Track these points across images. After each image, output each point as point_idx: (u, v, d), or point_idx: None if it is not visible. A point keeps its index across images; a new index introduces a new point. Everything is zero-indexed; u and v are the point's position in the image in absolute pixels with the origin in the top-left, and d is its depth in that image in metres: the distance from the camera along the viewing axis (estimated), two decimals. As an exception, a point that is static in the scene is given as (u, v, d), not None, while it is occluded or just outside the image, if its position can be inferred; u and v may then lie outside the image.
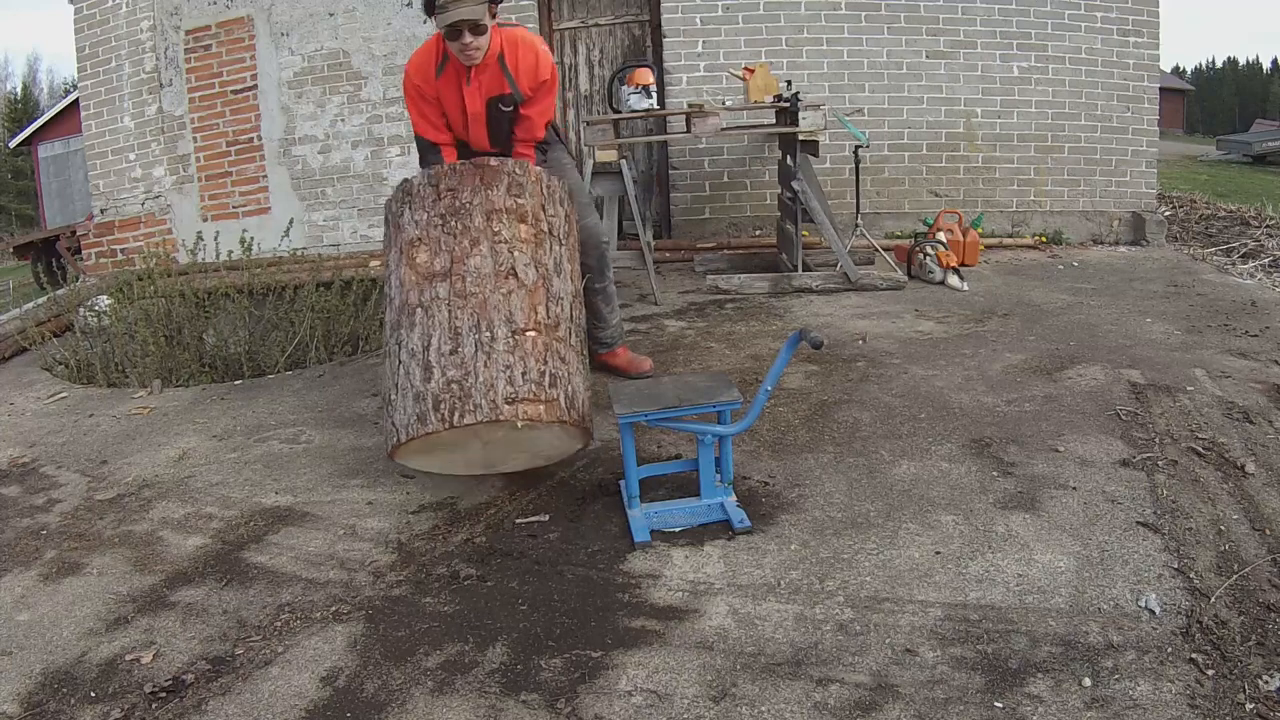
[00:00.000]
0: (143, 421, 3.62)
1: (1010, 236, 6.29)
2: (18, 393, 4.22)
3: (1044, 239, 6.26)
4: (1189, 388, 3.27)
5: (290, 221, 5.86)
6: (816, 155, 5.24)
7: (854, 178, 5.47)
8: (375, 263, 5.33)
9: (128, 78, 6.86)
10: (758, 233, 6.34)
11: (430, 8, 2.90)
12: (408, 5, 6.42)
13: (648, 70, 5.00)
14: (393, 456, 2.45)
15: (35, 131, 23.24)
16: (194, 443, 3.31)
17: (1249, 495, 2.46)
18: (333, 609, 2.13)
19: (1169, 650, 1.82)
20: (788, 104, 4.85)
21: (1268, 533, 2.26)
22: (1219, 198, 9.58)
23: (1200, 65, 63.33)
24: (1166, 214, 7.22)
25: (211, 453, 3.20)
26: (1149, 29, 6.25)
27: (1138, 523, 2.32)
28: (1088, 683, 1.73)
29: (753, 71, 5.32)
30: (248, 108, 6.66)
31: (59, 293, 6.10)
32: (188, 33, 6.72)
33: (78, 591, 2.29)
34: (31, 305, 6.13)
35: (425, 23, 2.64)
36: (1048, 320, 4.30)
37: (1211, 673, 1.74)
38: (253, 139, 6.73)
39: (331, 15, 6.52)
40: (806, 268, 5.16)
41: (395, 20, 6.45)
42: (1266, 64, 58.66)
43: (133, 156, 6.92)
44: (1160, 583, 2.05)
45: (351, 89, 6.56)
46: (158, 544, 2.53)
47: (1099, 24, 6.19)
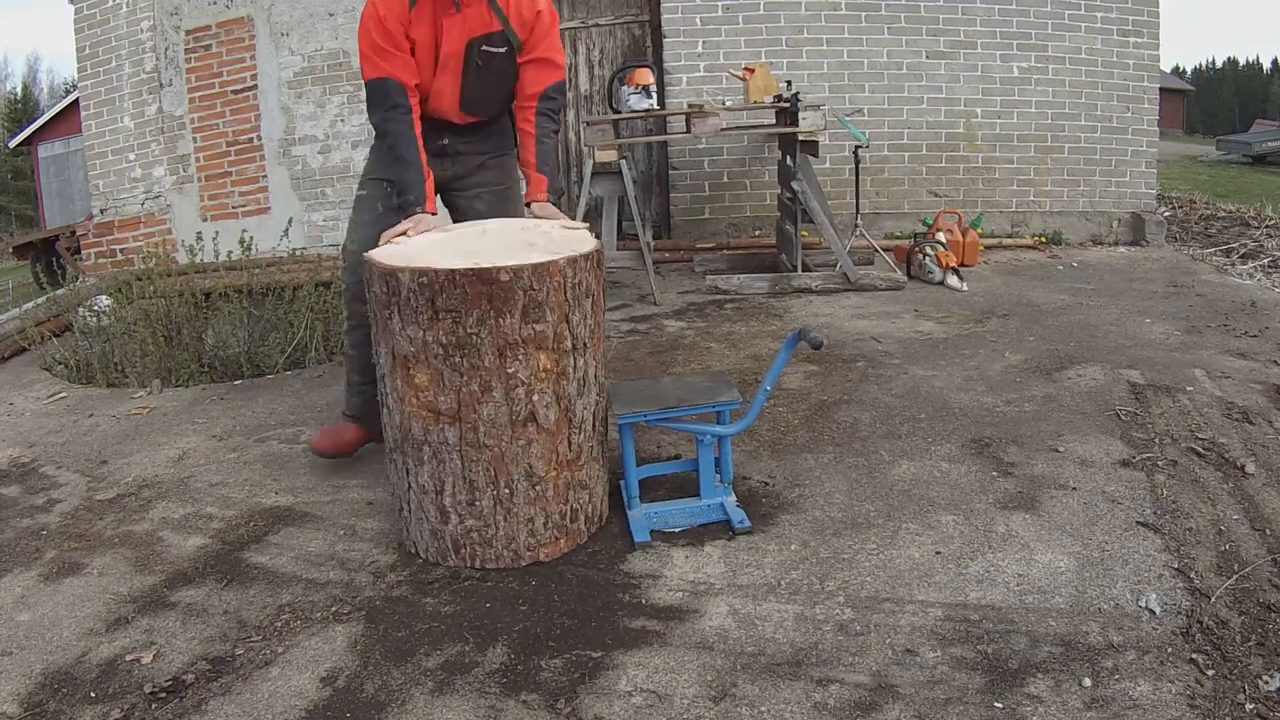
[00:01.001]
0: (142, 421, 3.62)
1: (1010, 237, 6.29)
2: (17, 393, 4.22)
3: (1044, 239, 6.27)
4: (1189, 388, 3.27)
5: (290, 221, 5.85)
6: (816, 155, 5.24)
7: (854, 178, 5.47)
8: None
9: (128, 78, 6.86)
10: (757, 233, 6.34)
11: None
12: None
13: (648, 70, 5.01)
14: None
15: (35, 131, 23.23)
16: (194, 443, 3.31)
17: (1249, 495, 2.46)
18: (333, 609, 2.13)
19: (1169, 650, 1.82)
20: (788, 104, 4.86)
21: (1268, 533, 2.26)
22: (1219, 198, 9.58)
23: (1200, 65, 63.36)
24: (1166, 214, 7.22)
25: (211, 453, 3.19)
26: (1149, 29, 6.26)
27: (1138, 523, 2.32)
28: (1088, 683, 1.73)
29: (752, 72, 5.32)
30: (248, 108, 6.66)
31: (59, 293, 6.09)
32: (188, 33, 6.72)
33: (78, 591, 2.29)
34: (31, 305, 6.13)
35: None
36: (1047, 320, 4.30)
37: (1211, 673, 1.74)
38: (253, 139, 6.73)
39: (331, 15, 6.52)
40: (806, 268, 5.16)
41: (395, 20, 6.44)
42: (1266, 64, 58.68)
43: (133, 156, 6.92)
44: (1160, 583, 2.05)
45: (351, 89, 6.55)
46: (158, 544, 2.53)
47: (1099, 24, 6.19)
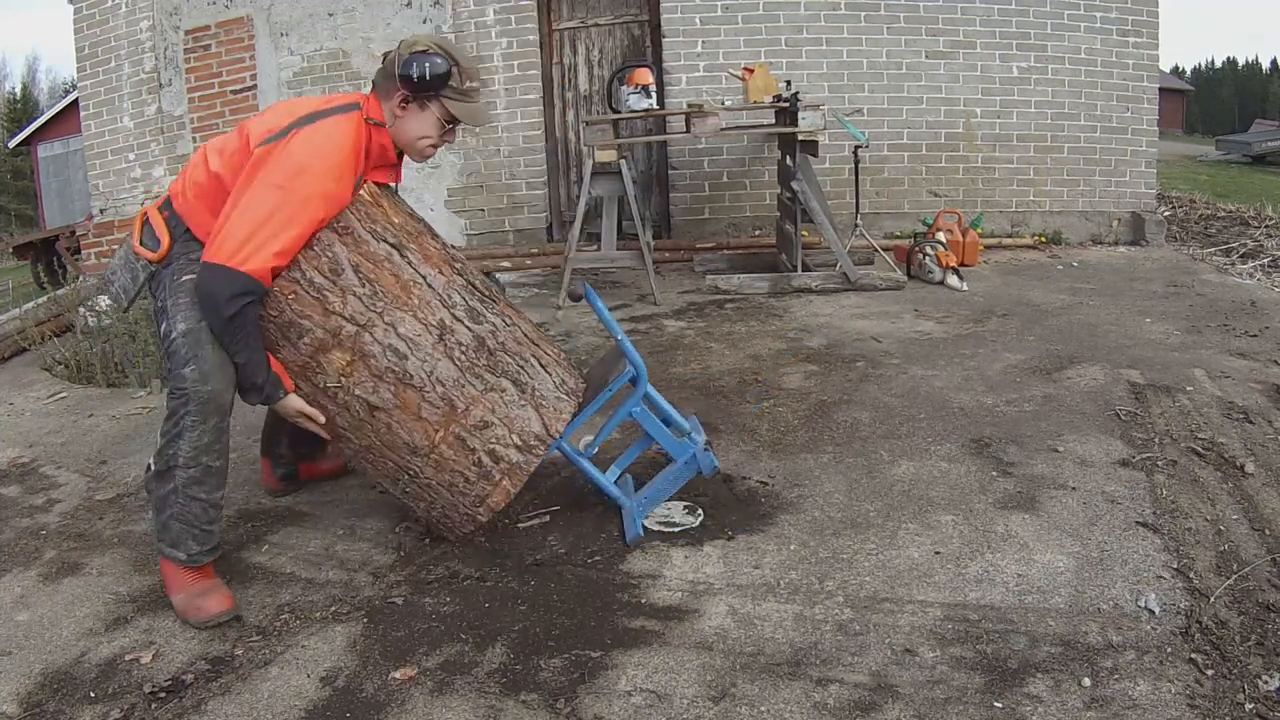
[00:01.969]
0: (142, 421, 3.62)
1: (1010, 236, 6.29)
2: (17, 393, 4.22)
3: (1043, 239, 6.27)
4: (1189, 388, 3.27)
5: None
6: (816, 155, 5.24)
7: (853, 178, 5.47)
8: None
9: (127, 78, 6.86)
10: (757, 233, 6.34)
11: (438, 85, 2.17)
12: (407, 5, 6.42)
13: (647, 70, 5.01)
14: None
15: (35, 132, 23.24)
16: (193, 443, 3.31)
17: (1249, 495, 2.46)
18: (332, 609, 2.13)
19: (1168, 650, 1.82)
20: (787, 104, 4.86)
21: (1267, 533, 2.26)
22: (1218, 198, 9.58)
23: (1200, 65, 63.40)
24: (1166, 214, 7.22)
25: (211, 453, 3.19)
26: (1148, 29, 6.26)
27: (1137, 523, 2.32)
28: (1087, 683, 1.73)
29: (752, 71, 5.32)
30: (247, 108, 6.66)
31: (59, 293, 6.10)
32: (187, 33, 6.72)
33: (77, 591, 2.29)
34: (31, 305, 6.13)
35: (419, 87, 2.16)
36: (1047, 320, 4.31)
37: (1211, 673, 1.74)
38: (252, 139, 6.72)
39: (331, 15, 6.52)
40: (806, 268, 5.16)
41: (395, 20, 6.45)
42: (1266, 64, 58.73)
43: (132, 156, 6.92)
44: (1160, 583, 2.05)
45: (351, 89, 6.55)
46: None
47: (1098, 24, 6.20)
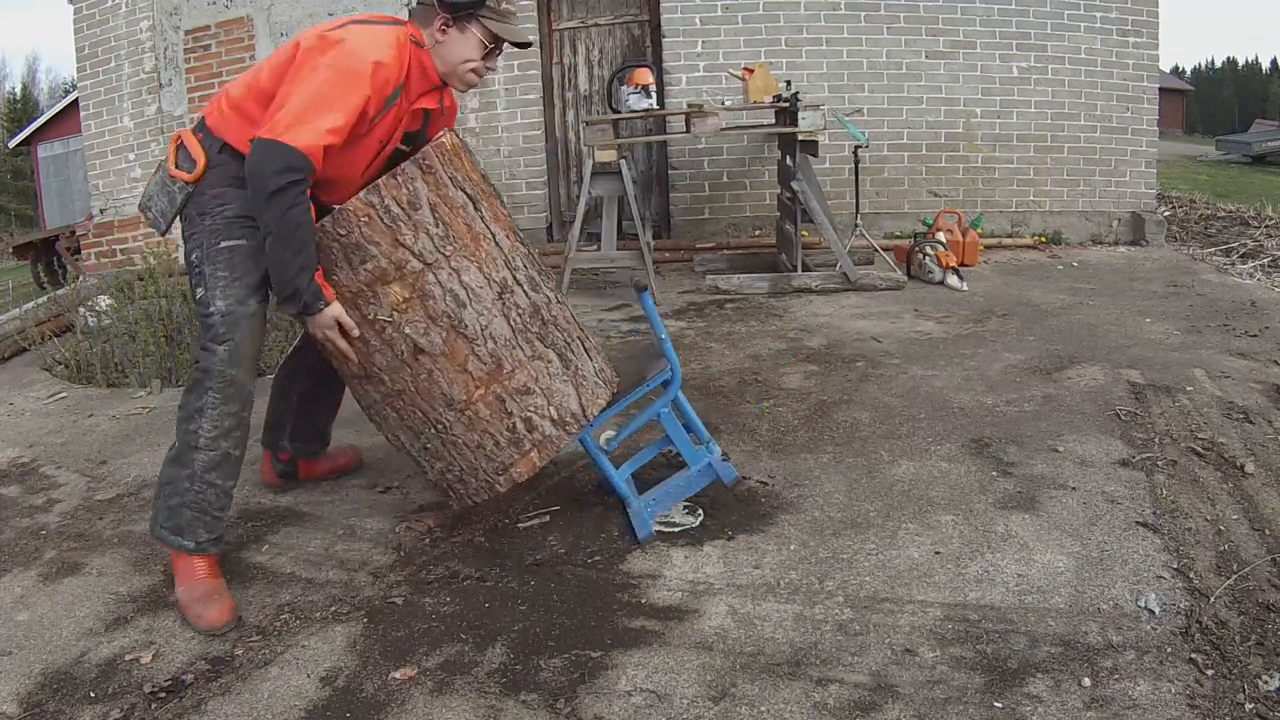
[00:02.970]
0: (142, 421, 3.62)
1: (1010, 236, 6.29)
2: (17, 393, 4.22)
3: (1043, 239, 6.27)
4: (1188, 388, 3.27)
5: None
6: (816, 155, 5.25)
7: (853, 178, 5.47)
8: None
9: (127, 78, 6.86)
10: (757, 233, 6.34)
11: (475, 5, 2.18)
12: (406, 5, 6.42)
13: (647, 70, 5.01)
14: None
15: (35, 132, 23.24)
16: (193, 443, 3.31)
17: (1248, 495, 2.46)
18: (332, 609, 2.13)
19: (1168, 650, 1.82)
20: (787, 104, 4.86)
21: (1267, 533, 2.26)
22: (1218, 198, 9.58)
23: (1200, 65, 63.44)
24: (1166, 214, 7.22)
25: (211, 453, 3.19)
26: (1148, 29, 6.26)
27: (1137, 523, 2.32)
28: (1087, 683, 1.73)
29: (752, 71, 5.32)
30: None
31: (59, 293, 6.10)
32: (187, 33, 6.72)
33: (77, 591, 2.29)
34: (31, 305, 6.13)
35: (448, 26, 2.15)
36: (1047, 320, 4.31)
37: (1211, 673, 1.74)
38: (252, 139, 6.72)
39: (331, 15, 6.51)
40: (806, 268, 5.16)
41: (395, 20, 6.44)
42: (1266, 64, 58.74)
43: (132, 156, 6.92)
44: (1160, 583, 2.05)
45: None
46: (157, 544, 2.52)
47: (1098, 24, 6.20)
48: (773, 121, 5.30)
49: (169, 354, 4.23)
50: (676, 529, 2.39)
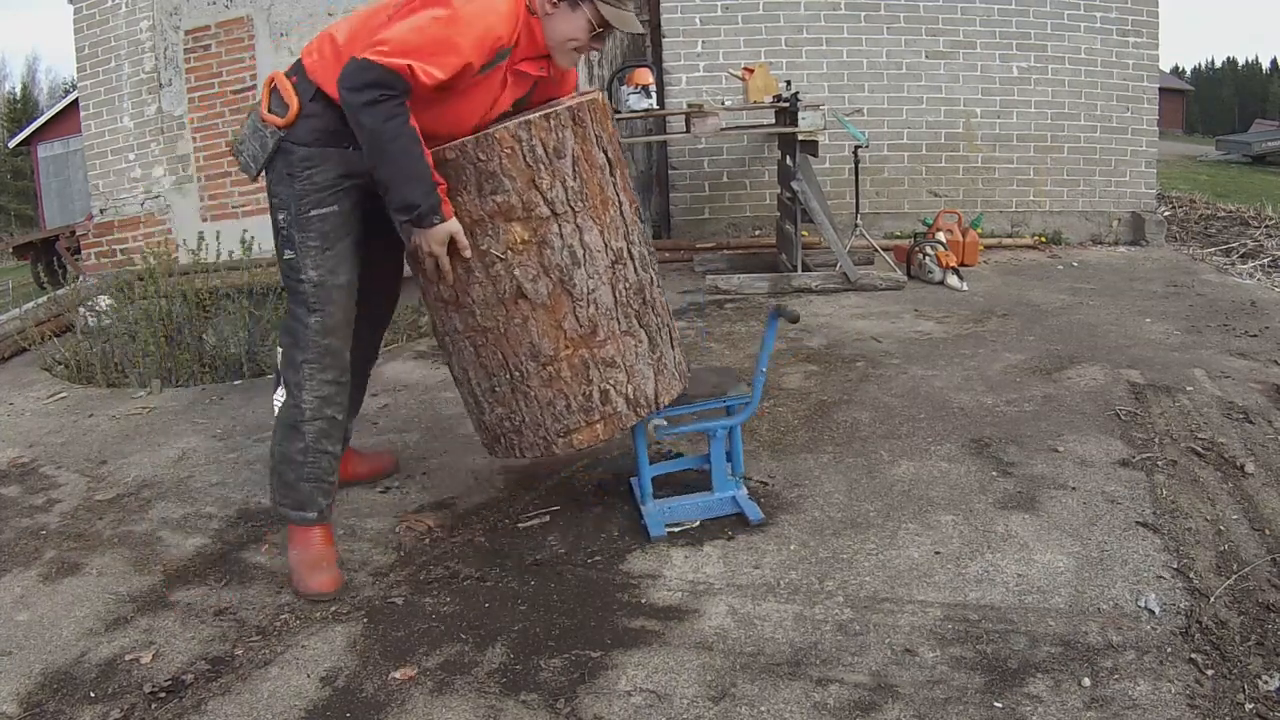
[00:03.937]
0: (142, 421, 3.62)
1: (1010, 236, 6.29)
2: (17, 393, 4.22)
3: (1043, 239, 6.27)
4: (1188, 388, 3.27)
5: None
6: (816, 155, 5.24)
7: (853, 178, 5.47)
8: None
9: (127, 78, 6.85)
10: (757, 233, 6.34)
11: None
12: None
13: (647, 70, 5.00)
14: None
15: (35, 132, 23.25)
16: (194, 443, 3.31)
17: (1249, 495, 2.46)
18: (332, 609, 2.13)
19: (1168, 650, 1.82)
20: (787, 104, 4.86)
21: (1267, 533, 2.26)
22: (1219, 198, 9.58)
23: (1200, 65, 63.48)
24: (1166, 214, 7.22)
25: (211, 453, 3.19)
26: (1148, 29, 6.26)
27: (1137, 523, 2.32)
28: (1087, 683, 1.73)
29: (752, 71, 5.32)
30: (247, 108, 6.65)
31: (59, 293, 6.10)
32: (187, 33, 6.72)
33: (77, 591, 2.29)
34: (31, 305, 6.13)
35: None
36: (1047, 320, 4.30)
37: (1211, 673, 1.74)
38: (252, 139, 6.72)
39: (331, 15, 6.51)
40: (806, 268, 5.16)
41: (395, 20, 6.44)
42: (1266, 64, 58.76)
43: (132, 156, 6.92)
44: (1160, 583, 2.05)
45: (351, 89, 6.55)
46: (157, 544, 2.53)
47: (1098, 24, 6.19)
48: (773, 121, 5.29)
49: (169, 354, 4.23)
50: (676, 529, 2.40)
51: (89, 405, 3.92)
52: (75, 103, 10.75)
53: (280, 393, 2.22)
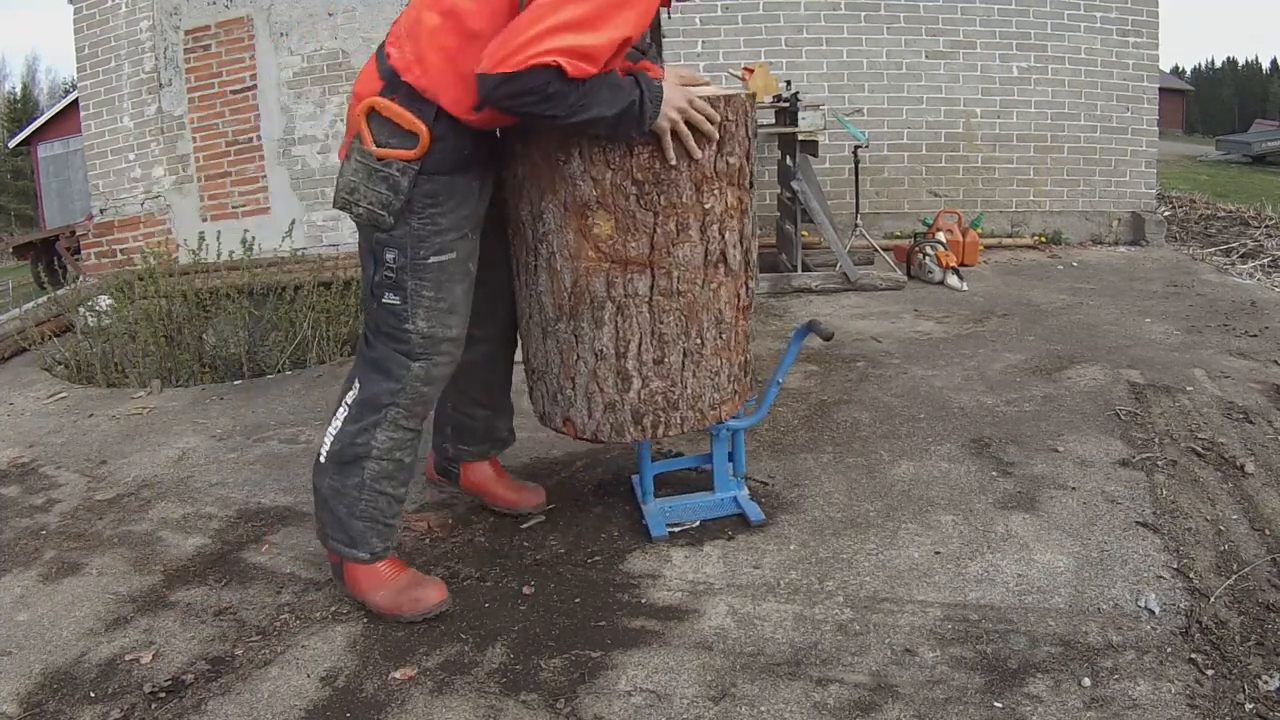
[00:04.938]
0: (142, 421, 3.62)
1: (1010, 236, 6.29)
2: (17, 393, 4.22)
3: (1043, 239, 6.27)
4: (1188, 388, 3.27)
5: (293, 222, 5.86)
6: (816, 155, 5.25)
7: (853, 178, 5.47)
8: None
9: (127, 78, 6.85)
10: (758, 232, 6.34)
11: None
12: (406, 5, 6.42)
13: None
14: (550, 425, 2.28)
15: (35, 132, 23.27)
16: (194, 443, 3.31)
17: (1248, 495, 2.46)
18: (332, 609, 2.13)
19: (1168, 650, 1.82)
20: (787, 104, 4.86)
21: (1267, 533, 2.26)
22: (1219, 198, 9.58)
23: (1200, 65, 63.50)
24: (1166, 214, 7.22)
25: (211, 453, 3.19)
26: (1148, 29, 6.26)
27: (1137, 523, 2.32)
28: (1087, 683, 1.73)
29: (752, 71, 5.32)
30: (247, 108, 6.66)
31: (59, 293, 6.10)
32: (187, 33, 6.72)
33: (77, 591, 2.29)
34: (31, 305, 6.13)
35: None
36: (1047, 320, 4.31)
37: (1211, 673, 1.74)
38: (252, 139, 6.73)
39: (331, 15, 6.52)
40: (806, 268, 5.16)
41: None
42: (1266, 64, 58.79)
43: (132, 156, 6.92)
44: (1160, 583, 2.05)
45: (350, 89, 6.55)
46: (157, 544, 2.53)
47: (1098, 24, 6.20)
48: (773, 121, 5.29)
49: (169, 354, 4.23)
50: (676, 528, 2.40)
51: (89, 405, 3.92)
52: (75, 103, 10.76)
53: (336, 423, 2.01)
